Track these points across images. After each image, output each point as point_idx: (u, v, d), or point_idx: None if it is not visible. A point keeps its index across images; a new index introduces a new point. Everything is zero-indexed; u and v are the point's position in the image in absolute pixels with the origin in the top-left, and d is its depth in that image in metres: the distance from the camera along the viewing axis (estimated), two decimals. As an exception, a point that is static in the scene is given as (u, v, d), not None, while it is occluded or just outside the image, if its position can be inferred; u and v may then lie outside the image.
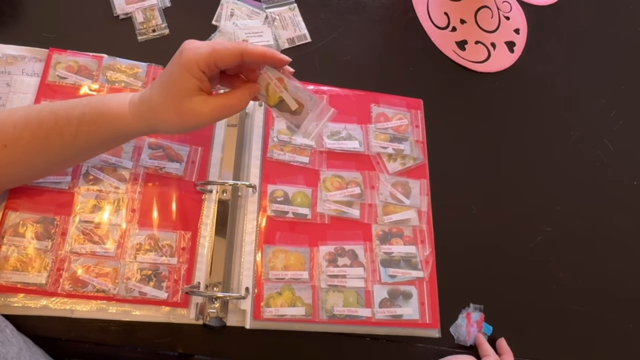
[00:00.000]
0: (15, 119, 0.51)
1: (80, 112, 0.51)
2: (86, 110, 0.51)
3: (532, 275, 0.71)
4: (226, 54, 0.48)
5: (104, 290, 0.56)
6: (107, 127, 0.52)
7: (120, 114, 0.51)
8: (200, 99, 0.49)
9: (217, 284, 0.59)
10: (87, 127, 0.51)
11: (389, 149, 0.70)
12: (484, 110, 0.79)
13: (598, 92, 0.86)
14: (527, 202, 0.75)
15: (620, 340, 0.70)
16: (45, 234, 0.57)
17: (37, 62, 0.64)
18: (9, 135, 0.51)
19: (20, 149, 0.51)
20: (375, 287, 0.62)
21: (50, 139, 0.51)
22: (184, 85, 0.48)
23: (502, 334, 0.66)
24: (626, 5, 0.95)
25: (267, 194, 0.64)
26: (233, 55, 0.49)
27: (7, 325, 0.50)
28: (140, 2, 0.71)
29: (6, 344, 0.47)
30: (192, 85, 0.49)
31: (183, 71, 0.48)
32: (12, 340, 0.48)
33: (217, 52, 0.48)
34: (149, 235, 0.59)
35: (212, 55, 0.48)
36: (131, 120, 0.51)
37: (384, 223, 0.66)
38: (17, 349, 0.48)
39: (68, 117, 0.51)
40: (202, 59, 0.48)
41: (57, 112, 0.51)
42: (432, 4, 0.85)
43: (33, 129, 0.51)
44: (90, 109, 0.52)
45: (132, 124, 0.52)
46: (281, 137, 0.67)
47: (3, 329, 0.49)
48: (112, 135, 0.53)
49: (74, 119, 0.51)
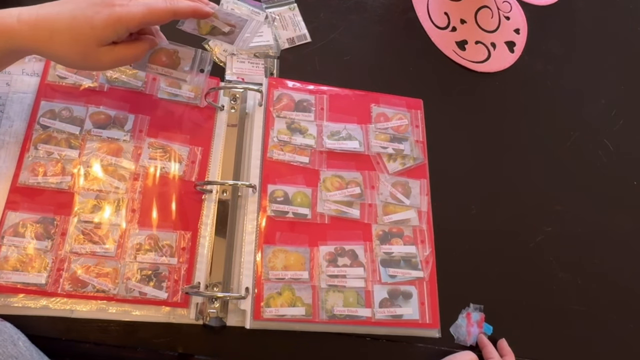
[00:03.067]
0: None
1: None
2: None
3: (532, 275, 0.71)
4: (160, 16, 0.47)
5: (104, 291, 0.56)
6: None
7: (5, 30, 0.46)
8: (107, 49, 0.48)
9: (217, 284, 0.59)
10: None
11: (389, 149, 0.70)
12: (484, 110, 0.79)
13: (598, 92, 0.86)
14: (527, 202, 0.75)
15: (620, 340, 0.71)
16: (45, 234, 0.57)
17: (37, 62, 0.64)
18: None
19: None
20: (375, 287, 0.62)
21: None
22: (102, 37, 0.47)
23: (502, 334, 0.66)
24: (626, 5, 0.95)
25: (267, 194, 0.64)
26: (166, 16, 0.48)
27: (20, 337, 0.50)
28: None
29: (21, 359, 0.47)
30: (110, 39, 0.47)
31: (109, 25, 0.46)
32: (26, 354, 0.48)
33: (152, 15, 0.47)
34: (149, 235, 0.59)
35: (146, 17, 0.46)
36: (19, 40, 0.47)
37: (384, 223, 0.66)
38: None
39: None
40: (135, 20, 0.46)
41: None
42: (432, 4, 0.85)
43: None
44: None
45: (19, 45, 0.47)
46: (281, 137, 0.67)
47: (16, 342, 0.49)
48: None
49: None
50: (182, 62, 0.55)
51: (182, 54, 0.56)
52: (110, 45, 0.48)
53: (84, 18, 0.46)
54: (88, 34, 0.46)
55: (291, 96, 0.70)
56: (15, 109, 0.62)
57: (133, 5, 0.46)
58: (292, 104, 0.69)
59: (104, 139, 0.62)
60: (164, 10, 0.47)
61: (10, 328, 0.51)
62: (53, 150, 0.60)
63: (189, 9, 0.50)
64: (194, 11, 0.50)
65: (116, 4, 0.46)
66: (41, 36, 0.46)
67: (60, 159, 0.60)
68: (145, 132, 0.64)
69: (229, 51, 0.71)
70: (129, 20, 0.46)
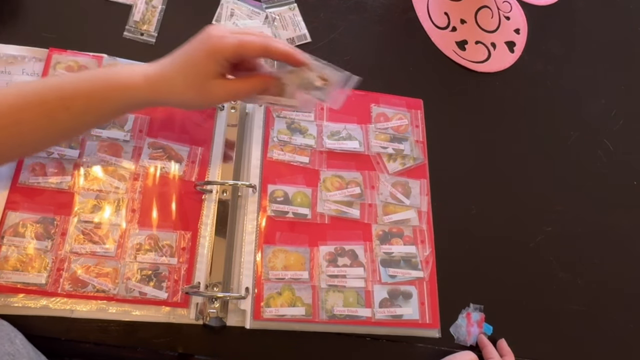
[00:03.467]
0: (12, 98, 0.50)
1: (88, 88, 0.51)
2: (95, 85, 0.51)
3: (532, 275, 0.71)
4: (252, 49, 0.51)
5: (104, 290, 0.56)
6: (119, 100, 0.52)
7: (133, 86, 0.52)
8: (219, 82, 0.52)
9: (217, 284, 0.59)
10: (98, 102, 0.52)
11: (389, 149, 0.70)
12: (484, 110, 0.79)
13: (598, 92, 0.86)
14: (527, 202, 0.75)
15: (620, 340, 0.70)
16: (45, 234, 0.57)
17: (37, 62, 0.64)
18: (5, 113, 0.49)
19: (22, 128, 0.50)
20: (375, 287, 0.62)
21: (54, 115, 0.50)
22: (207, 70, 0.51)
23: (502, 334, 0.66)
24: (626, 5, 0.95)
25: (267, 194, 0.64)
26: (258, 50, 0.51)
27: (17, 335, 0.50)
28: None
29: (17, 356, 0.47)
30: (215, 70, 0.51)
31: (209, 57, 0.50)
32: (23, 351, 0.48)
33: (244, 46, 0.50)
34: (149, 235, 0.59)
35: (239, 48, 0.50)
36: (145, 93, 0.52)
37: (384, 223, 0.66)
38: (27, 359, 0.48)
39: (75, 91, 0.51)
40: (228, 49, 0.50)
41: (62, 88, 0.51)
42: (432, 4, 0.85)
43: (33, 107, 0.50)
44: (99, 82, 0.52)
45: (145, 97, 0.53)
46: (281, 137, 0.67)
47: (13, 340, 0.49)
48: (123, 107, 0.54)
49: (82, 94, 0.51)
50: (287, 89, 0.54)
51: (285, 80, 0.54)
52: (222, 79, 0.52)
53: (190, 60, 0.51)
54: (196, 74, 0.51)
55: (291, 96, 0.70)
56: (15, 109, 0.61)
57: (229, 37, 0.50)
58: (292, 104, 0.69)
59: (104, 138, 0.62)
60: (257, 44, 0.50)
61: (7, 326, 0.51)
62: (53, 150, 0.60)
63: (282, 51, 0.52)
64: (286, 54, 0.52)
65: (213, 37, 0.50)
66: (162, 88, 0.52)
67: (60, 158, 0.60)
68: (145, 132, 0.64)
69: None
70: (224, 50, 0.50)
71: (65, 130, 0.54)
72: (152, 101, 0.54)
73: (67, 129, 0.54)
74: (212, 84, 0.51)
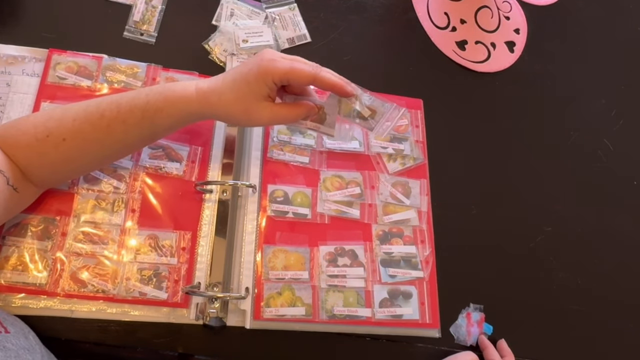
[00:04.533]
0: (74, 112, 0.53)
1: (144, 101, 0.53)
2: (150, 98, 0.53)
3: (532, 275, 0.71)
4: (301, 76, 0.52)
5: (104, 291, 0.56)
6: (172, 113, 0.54)
7: (186, 98, 0.54)
8: (265, 104, 0.53)
9: (217, 284, 0.59)
10: (152, 113, 0.53)
11: (389, 149, 0.70)
12: (484, 110, 0.79)
13: (598, 92, 0.86)
14: (527, 202, 0.75)
15: (620, 340, 0.70)
16: (45, 234, 0.57)
17: (37, 62, 0.64)
18: (68, 128, 0.52)
19: (81, 141, 0.53)
20: (375, 287, 0.62)
21: (112, 128, 0.53)
22: (256, 90, 0.52)
23: (502, 334, 0.66)
24: (626, 5, 0.95)
25: (267, 194, 0.64)
26: (307, 79, 0.52)
27: (30, 331, 0.51)
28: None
29: (32, 351, 0.47)
30: (263, 92, 0.53)
31: (259, 79, 0.52)
32: (36, 347, 0.49)
33: (294, 73, 0.52)
34: (149, 235, 0.59)
35: (288, 73, 0.51)
36: (197, 106, 0.54)
37: (384, 223, 0.66)
38: (39, 356, 0.48)
39: (131, 105, 0.53)
40: (278, 74, 0.51)
41: (119, 102, 0.53)
42: (432, 4, 0.85)
43: (94, 120, 0.53)
44: (154, 95, 0.54)
45: (197, 110, 0.54)
46: (281, 137, 0.67)
47: (27, 335, 0.49)
48: (177, 119, 0.55)
49: (138, 107, 0.53)
50: (327, 118, 0.56)
51: (327, 109, 0.56)
52: (269, 102, 0.54)
53: (241, 77, 0.53)
54: (245, 90, 0.53)
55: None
56: (15, 109, 0.62)
57: (280, 61, 0.52)
58: (292, 104, 0.69)
59: (104, 139, 0.62)
60: (306, 73, 0.52)
61: (21, 322, 0.51)
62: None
63: (331, 82, 0.53)
64: (334, 85, 0.53)
65: (265, 59, 0.52)
66: (212, 99, 0.54)
67: (61, 159, 0.60)
68: (145, 132, 0.64)
69: (229, 51, 0.71)
70: (274, 73, 0.51)
71: (122, 144, 0.56)
72: (202, 113, 0.55)
73: (124, 142, 0.55)
74: (258, 105, 0.53)
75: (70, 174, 0.58)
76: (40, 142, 0.52)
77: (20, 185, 0.53)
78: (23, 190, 0.53)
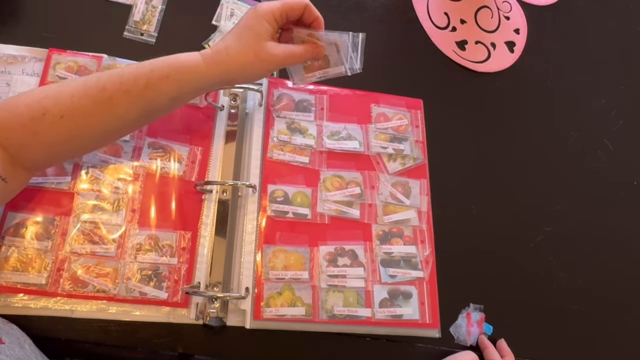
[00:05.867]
0: (72, 88, 0.51)
1: (148, 69, 0.52)
2: (155, 66, 0.53)
3: (532, 275, 0.71)
4: (294, 7, 0.56)
5: (104, 291, 0.56)
6: (179, 79, 0.53)
7: (193, 64, 0.54)
8: (273, 43, 0.56)
9: (217, 284, 0.59)
10: (157, 81, 0.52)
11: (389, 149, 0.70)
12: (484, 110, 0.79)
13: (598, 92, 0.86)
14: (527, 202, 0.75)
15: (620, 340, 0.70)
16: (45, 234, 0.57)
17: (37, 62, 0.64)
18: (67, 105, 0.50)
19: (80, 118, 0.51)
20: (375, 287, 0.62)
21: (114, 100, 0.51)
22: (261, 31, 0.54)
23: (502, 334, 0.66)
24: (626, 5, 0.95)
25: (267, 194, 0.64)
26: (299, 8, 0.56)
27: (26, 339, 0.50)
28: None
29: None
30: (268, 31, 0.55)
31: (260, 19, 0.54)
32: (32, 356, 0.48)
33: (288, 4, 0.56)
34: (149, 235, 0.59)
35: (284, 7, 0.55)
36: (206, 69, 0.54)
37: (384, 223, 0.66)
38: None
39: (135, 74, 0.52)
40: (276, 9, 0.55)
41: (122, 73, 0.52)
42: (432, 4, 0.85)
43: (94, 93, 0.51)
44: (159, 64, 0.53)
45: (206, 73, 0.54)
46: (281, 137, 0.67)
47: (23, 344, 0.49)
48: (183, 89, 0.54)
49: (142, 75, 0.52)
50: (330, 59, 0.59)
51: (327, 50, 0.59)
52: (276, 42, 0.56)
53: (243, 27, 0.55)
54: (250, 35, 0.54)
55: (291, 96, 0.70)
56: (15, 109, 0.61)
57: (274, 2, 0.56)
58: (292, 103, 0.69)
59: (104, 139, 0.62)
60: (299, 3, 0.56)
61: (17, 331, 0.51)
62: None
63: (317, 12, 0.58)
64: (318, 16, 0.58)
65: (259, 6, 0.55)
66: (221, 58, 0.54)
67: (61, 159, 0.60)
68: (145, 131, 0.64)
69: None
70: (272, 10, 0.55)
71: (124, 119, 0.53)
72: (213, 77, 0.55)
73: (125, 118, 0.53)
74: (268, 45, 0.55)
75: (67, 154, 0.56)
76: (35, 121, 0.49)
77: (9, 175, 0.50)
78: (12, 179, 0.51)
